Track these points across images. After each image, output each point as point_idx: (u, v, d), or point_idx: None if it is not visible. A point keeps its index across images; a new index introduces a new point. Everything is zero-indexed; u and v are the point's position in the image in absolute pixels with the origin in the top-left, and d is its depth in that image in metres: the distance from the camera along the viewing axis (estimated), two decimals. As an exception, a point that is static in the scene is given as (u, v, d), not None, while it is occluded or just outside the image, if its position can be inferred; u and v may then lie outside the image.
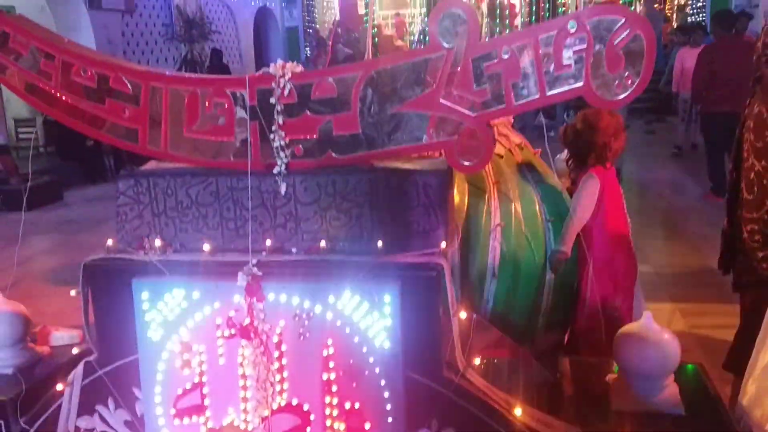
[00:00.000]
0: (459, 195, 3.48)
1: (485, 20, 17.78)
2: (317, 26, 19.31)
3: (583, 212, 3.46)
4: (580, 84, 2.30)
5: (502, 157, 3.86)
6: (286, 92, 2.49)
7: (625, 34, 2.23)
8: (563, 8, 16.47)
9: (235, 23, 16.54)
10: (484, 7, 18.21)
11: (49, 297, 5.55)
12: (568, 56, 2.29)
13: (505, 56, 2.34)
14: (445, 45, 2.37)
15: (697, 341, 4.64)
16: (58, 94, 2.65)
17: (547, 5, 15.77)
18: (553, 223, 3.64)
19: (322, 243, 2.47)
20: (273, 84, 2.50)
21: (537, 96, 2.35)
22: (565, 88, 2.31)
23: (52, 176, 10.17)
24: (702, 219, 7.39)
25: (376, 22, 20.15)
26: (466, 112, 2.41)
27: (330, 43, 17.20)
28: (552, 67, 2.31)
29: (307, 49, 18.95)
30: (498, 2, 17.93)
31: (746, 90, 3.57)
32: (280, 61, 2.56)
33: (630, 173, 9.40)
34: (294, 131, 2.51)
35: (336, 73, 2.52)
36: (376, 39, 18.96)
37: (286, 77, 2.50)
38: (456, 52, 2.37)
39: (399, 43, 20.93)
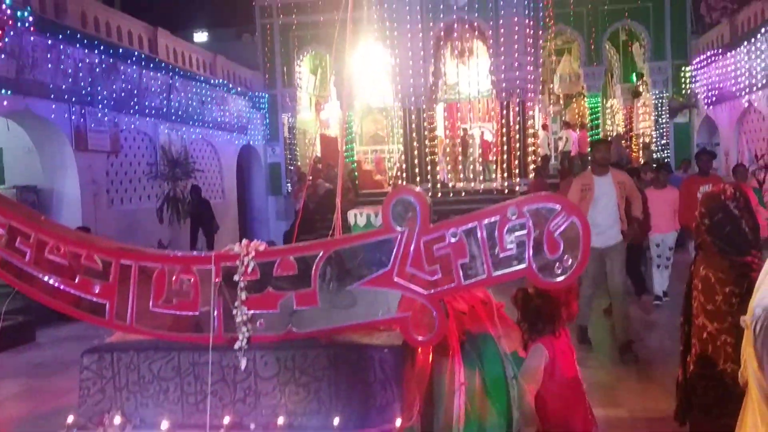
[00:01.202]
0: (423, 354, 3.55)
1: (460, 158, 18.35)
2: (298, 162, 19.98)
3: (532, 386, 3.47)
4: (523, 266, 2.47)
5: (465, 314, 3.97)
6: (249, 270, 2.64)
7: (561, 220, 2.43)
8: (533, 147, 17.34)
9: (219, 161, 17.09)
10: (459, 144, 18.83)
11: (11, 451, 5.39)
12: (510, 240, 2.47)
13: (453, 239, 2.52)
14: (398, 228, 2.55)
15: (671, 493, 4.56)
16: (31, 271, 2.77)
17: (518, 144, 16.59)
18: (517, 381, 3.69)
19: (280, 419, 2.53)
20: (237, 262, 2.64)
21: (484, 276, 2.52)
22: (510, 269, 2.48)
23: (26, 316, 10.07)
24: (677, 361, 7.41)
25: (356, 158, 20.98)
26: (420, 289, 2.55)
27: (310, 178, 17.75)
28: (497, 250, 2.49)
29: (289, 184, 19.51)
30: (470, 141, 18.63)
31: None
32: (245, 241, 2.72)
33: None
34: (256, 306, 2.63)
35: (297, 252, 2.68)
36: (356, 174, 19.67)
37: (250, 256, 2.65)
38: (408, 234, 2.55)
39: (378, 177, 21.69)
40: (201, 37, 24.23)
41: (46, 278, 2.77)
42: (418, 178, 16.91)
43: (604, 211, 6.98)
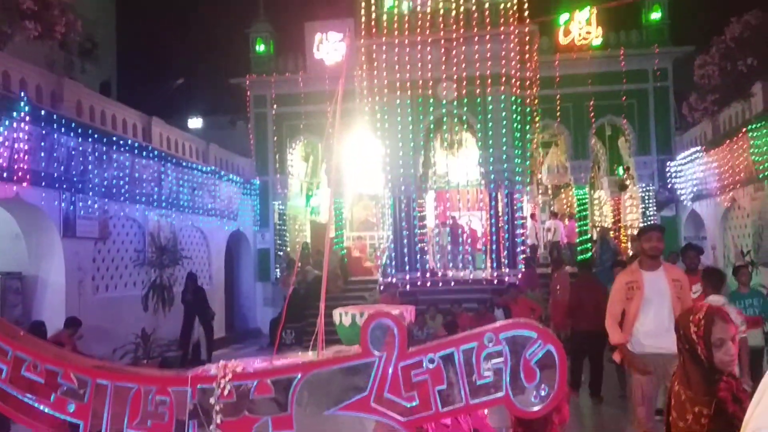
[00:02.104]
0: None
1: (449, 247, 18.33)
2: (288, 249, 19.98)
3: None
4: (501, 394, 2.46)
5: (448, 426, 3.91)
6: (225, 392, 2.61)
7: (537, 347, 2.45)
8: (522, 237, 17.49)
9: (208, 247, 17.07)
10: (448, 233, 18.88)
11: None
12: (487, 367, 2.47)
13: (431, 365, 2.52)
14: (376, 353, 2.55)
15: None
16: (6, 388, 2.74)
17: (507, 235, 16.72)
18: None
19: None
20: (214, 384, 2.62)
21: (462, 404, 2.50)
22: (487, 397, 2.47)
23: (2, 407, 9.80)
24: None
25: (346, 244, 21.06)
26: (397, 416, 2.53)
27: (298, 264, 17.73)
28: (474, 377, 2.49)
29: (278, 270, 19.44)
30: (459, 230, 18.74)
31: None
32: (222, 362, 2.71)
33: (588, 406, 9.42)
34: (232, 430, 2.59)
35: (275, 374, 2.66)
36: (346, 260, 19.68)
37: (227, 378, 2.63)
38: (386, 359, 2.55)
39: (368, 264, 21.73)
40: (196, 123, 24.73)
41: (21, 396, 2.73)
42: (407, 266, 16.93)
43: (658, 316, 5.44)
